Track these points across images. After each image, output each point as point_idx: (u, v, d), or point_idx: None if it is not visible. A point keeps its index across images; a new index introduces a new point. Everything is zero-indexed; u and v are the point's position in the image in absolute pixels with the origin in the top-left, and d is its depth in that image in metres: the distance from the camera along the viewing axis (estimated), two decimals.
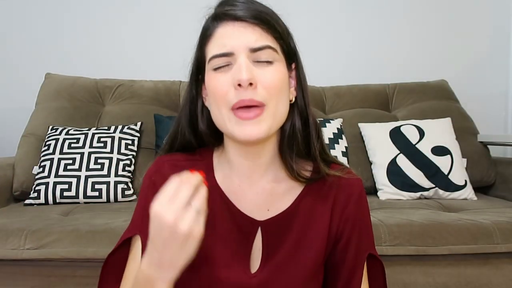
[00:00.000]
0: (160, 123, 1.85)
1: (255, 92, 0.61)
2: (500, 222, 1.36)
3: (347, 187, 0.71)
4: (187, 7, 2.37)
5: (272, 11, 0.66)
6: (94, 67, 2.22)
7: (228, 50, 0.62)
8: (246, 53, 0.62)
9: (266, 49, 0.62)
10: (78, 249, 1.23)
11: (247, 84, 0.60)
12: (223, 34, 0.63)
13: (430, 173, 1.74)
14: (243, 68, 0.60)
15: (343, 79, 2.20)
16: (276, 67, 0.63)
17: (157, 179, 0.69)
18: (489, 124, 2.25)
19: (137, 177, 1.79)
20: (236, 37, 0.62)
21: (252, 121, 0.61)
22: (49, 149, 1.70)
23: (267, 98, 0.62)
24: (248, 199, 0.69)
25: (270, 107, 0.62)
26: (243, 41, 0.62)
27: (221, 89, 0.62)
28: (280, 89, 0.63)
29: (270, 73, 0.62)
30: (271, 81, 0.62)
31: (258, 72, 0.62)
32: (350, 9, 2.43)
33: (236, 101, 0.61)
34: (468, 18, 2.45)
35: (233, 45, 0.62)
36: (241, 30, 0.62)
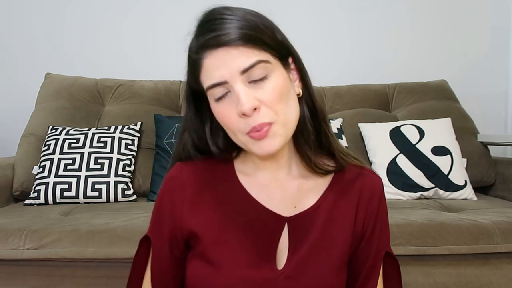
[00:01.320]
0: (160, 123, 1.85)
1: (261, 115, 0.61)
2: (500, 222, 1.35)
3: (370, 184, 0.73)
4: (187, 7, 2.38)
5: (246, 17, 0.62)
6: (94, 67, 2.22)
7: (220, 79, 0.61)
8: (239, 77, 0.60)
9: (256, 65, 0.61)
10: (78, 249, 1.23)
11: (251, 112, 0.60)
12: (211, 65, 0.62)
13: (430, 173, 1.74)
14: (242, 98, 0.60)
15: (343, 79, 2.20)
16: (273, 78, 0.62)
17: (174, 185, 0.71)
18: (489, 124, 2.26)
19: (137, 177, 1.79)
20: (224, 64, 0.60)
21: (266, 138, 0.62)
22: (49, 149, 1.70)
23: (273, 115, 0.62)
24: (276, 197, 0.71)
25: (280, 119, 0.62)
26: (232, 67, 0.60)
27: (230, 121, 0.63)
28: (283, 99, 0.63)
29: (268, 89, 0.62)
30: (272, 97, 0.62)
31: (257, 92, 0.61)
32: (350, 9, 2.43)
33: (248, 129, 0.62)
34: (468, 18, 2.45)
35: (223, 74, 0.61)
36: (226, 56, 0.60)
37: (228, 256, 0.67)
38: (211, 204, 0.70)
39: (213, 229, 0.69)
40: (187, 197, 0.70)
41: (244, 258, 0.67)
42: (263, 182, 0.71)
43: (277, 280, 0.67)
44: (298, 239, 0.69)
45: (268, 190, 0.71)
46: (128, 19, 2.36)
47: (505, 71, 2.47)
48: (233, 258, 0.67)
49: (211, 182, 0.71)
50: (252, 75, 0.61)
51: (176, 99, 2.05)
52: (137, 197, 1.71)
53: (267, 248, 0.68)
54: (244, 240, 0.68)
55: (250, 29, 0.61)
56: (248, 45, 0.60)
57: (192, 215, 0.69)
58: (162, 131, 1.82)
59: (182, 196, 0.70)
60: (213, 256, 0.68)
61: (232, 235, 0.68)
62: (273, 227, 0.69)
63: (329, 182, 0.72)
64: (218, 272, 0.66)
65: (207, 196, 0.71)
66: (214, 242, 0.68)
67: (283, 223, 0.69)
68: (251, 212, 0.69)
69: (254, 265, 0.67)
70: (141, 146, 1.85)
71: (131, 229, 1.27)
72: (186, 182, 0.71)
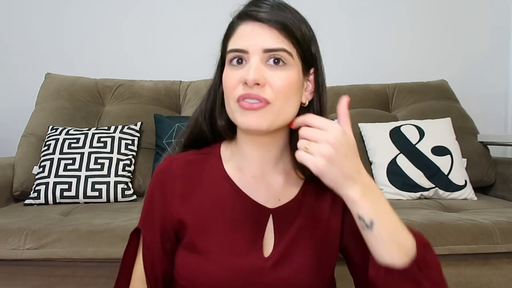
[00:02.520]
0: (160, 123, 1.85)
1: (263, 91, 0.64)
2: (500, 222, 1.35)
3: None
4: (187, 7, 2.38)
5: (297, 17, 0.69)
6: (94, 67, 2.22)
7: (243, 47, 0.65)
8: (259, 54, 0.64)
9: (280, 52, 0.64)
10: (78, 249, 1.23)
11: (253, 84, 0.63)
12: (242, 32, 0.66)
13: (430, 173, 1.74)
14: (252, 69, 0.63)
15: (343, 79, 2.19)
16: (288, 70, 0.66)
17: (164, 177, 0.74)
18: (489, 124, 2.25)
19: (137, 177, 1.79)
20: (253, 37, 0.65)
21: (254, 112, 0.64)
22: (49, 149, 1.70)
23: (273, 97, 0.64)
24: (261, 190, 0.73)
25: (275, 106, 0.65)
26: (259, 42, 0.64)
27: (231, 83, 0.66)
28: (288, 92, 0.65)
29: (280, 76, 0.65)
30: (279, 84, 0.64)
31: (268, 73, 0.64)
32: (350, 9, 2.43)
33: (242, 93, 0.64)
34: (468, 18, 2.45)
35: (249, 44, 0.65)
36: (259, 31, 0.65)
37: (215, 245, 0.70)
38: (199, 195, 0.73)
39: (200, 219, 0.71)
40: (177, 189, 0.72)
41: (231, 247, 0.70)
42: (250, 175, 0.74)
43: (264, 266, 0.69)
44: (282, 229, 0.72)
45: (254, 184, 0.74)
46: (128, 19, 2.36)
47: (505, 71, 2.47)
48: (220, 247, 0.69)
49: (200, 174, 0.74)
50: (272, 58, 0.65)
51: (176, 99, 2.05)
52: (137, 197, 1.71)
53: (254, 238, 0.71)
54: (231, 230, 0.71)
55: (290, 21, 0.66)
56: (281, 32, 0.65)
57: (181, 206, 0.72)
58: (162, 131, 1.82)
59: (172, 188, 0.73)
60: (201, 246, 0.70)
61: (219, 225, 0.71)
62: (259, 218, 0.72)
63: None
64: (206, 261, 0.69)
65: (195, 188, 0.73)
66: (201, 232, 0.71)
67: (268, 214, 0.73)
68: (238, 204, 0.72)
69: (242, 253, 0.70)
70: (141, 146, 1.85)
71: (131, 229, 1.24)
72: (176, 174, 0.73)
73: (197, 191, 0.73)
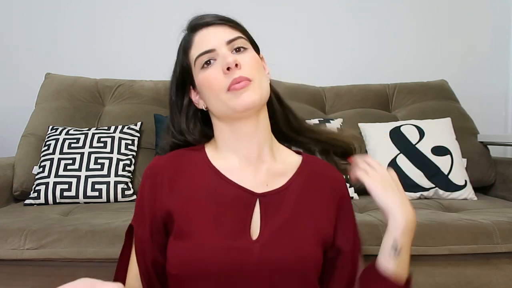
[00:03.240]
0: (160, 123, 1.85)
1: (242, 71, 0.73)
2: (500, 222, 1.35)
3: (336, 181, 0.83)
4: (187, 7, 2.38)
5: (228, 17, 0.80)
6: (94, 67, 2.22)
7: (209, 47, 0.75)
8: (224, 46, 0.74)
9: (239, 39, 0.76)
10: (78, 249, 1.23)
11: (234, 65, 0.72)
12: (201, 38, 0.77)
13: (430, 173, 1.74)
14: (227, 56, 0.73)
15: (343, 79, 2.19)
16: (251, 52, 0.77)
17: (151, 173, 0.78)
18: (489, 124, 2.25)
19: (137, 177, 1.78)
20: (213, 37, 0.76)
21: (246, 89, 0.72)
22: (49, 149, 1.70)
23: (252, 74, 0.73)
24: (247, 176, 0.77)
25: (256, 81, 0.74)
26: (219, 38, 0.75)
27: (214, 78, 0.74)
28: (259, 68, 0.76)
29: (248, 57, 0.75)
30: (250, 62, 0.75)
31: (238, 57, 0.74)
32: (350, 9, 2.43)
33: (229, 82, 0.72)
34: (468, 18, 2.45)
35: (212, 43, 0.75)
36: (214, 31, 0.76)
37: (203, 229, 0.72)
38: (185, 185, 0.76)
39: (187, 207, 0.74)
40: (164, 182, 0.76)
41: (219, 231, 0.72)
42: (236, 164, 0.78)
43: (252, 248, 0.71)
44: (270, 214, 0.75)
45: (240, 172, 0.78)
46: (128, 19, 2.36)
47: (505, 71, 2.47)
48: (208, 231, 0.71)
49: (185, 167, 0.78)
50: (235, 45, 0.75)
51: None
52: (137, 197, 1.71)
53: (241, 221, 0.73)
54: (219, 214, 0.73)
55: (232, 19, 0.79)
56: (231, 26, 0.78)
57: (168, 198, 0.75)
58: (162, 131, 1.82)
59: (160, 181, 0.76)
60: (188, 232, 0.72)
61: (206, 211, 0.73)
62: (246, 202, 0.75)
63: (297, 168, 0.81)
64: (194, 245, 0.70)
65: (181, 179, 0.76)
66: (188, 219, 0.73)
67: (255, 198, 0.76)
68: (225, 190, 0.76)
69: (230, 236, 0.72)
70: (141, 146, 1.85)
71: None
72: (163, 169, 0.78)
73: (183, 182, 0.76)
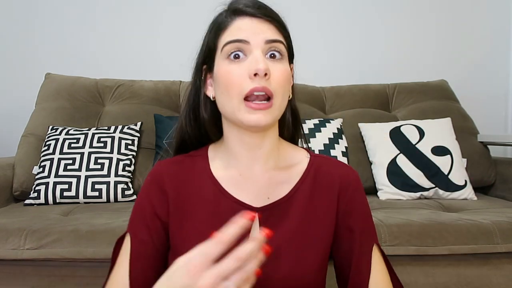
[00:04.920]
0: (160, 123, 1.85)
1: (269, 82, 0.65)
2: (500, 222, 1.35)
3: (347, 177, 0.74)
4: (188, 7, 2.38)
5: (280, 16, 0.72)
6: (94, 67, 2.22)
7: (244, 37, 0.66)
8: (261, 46, 0.66)
9: (279, 43, 0.67)
10: (78, 249, 1.23)
11: (264, 73, 0.64)
12: (241, 25, 0.67)
13: (430, 173, 1.74)
14: (260, 59, 0.64)
15: (343, 79, 2.20)
16: (284, 64, 0.69)
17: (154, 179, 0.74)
18: (489, 124, 2.26)
19: (137, 177, 1.79)
20: (254, 29, 0.67)
21: (263, 111, 0.65)
22: (49, 149, 1.70)
23: (277, 89, 0.66)
24: (249, 188, 0.72)
25: (278, 99, 0.66)
26: (260, 33, 0.66)
27: (235, 79, 0.65)
28: (286, 85, 0.68)
29: (279, 69, 0.67)
30: (281, 75, 0.67)
31: (271, 65, 0.66)
32: (350, 9, 2.43)
33: (249, 89, 0.64)
34: (468, 18, 2.45)
35: (249, 35, 0.66)
36: (258, 25, 0.67)
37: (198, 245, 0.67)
38: (185, 197, 0.72)
39: (185, 220, 0.71)
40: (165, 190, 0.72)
41: None
42: (238, 174, 0.73)
43: None
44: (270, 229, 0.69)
45: (241, 183, 0.72)
46: (128, 19, 2.36)
47: (505, 71, 2.47)
48: None
49: (186, 177, 0.74)
50: (270, 51, 0.67)
51: (176, 99, 2.05)
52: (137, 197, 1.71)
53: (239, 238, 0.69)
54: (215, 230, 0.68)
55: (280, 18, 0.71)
56: (277, 26, 0.69)
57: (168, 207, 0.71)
58: (162, 131, 1.82)
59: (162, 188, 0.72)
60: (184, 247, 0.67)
61: (203, 226, 0.69)
62: None
63: (302, 173, 0.74)
64: None
65: (181, 190, 0.73)
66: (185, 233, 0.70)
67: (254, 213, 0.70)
68: (223, 204, 0.71)
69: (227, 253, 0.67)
70: (141, 146, 1.85)
71: None
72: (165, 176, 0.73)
73: (183, 193, 0.72)
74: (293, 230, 0.70)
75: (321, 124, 1.86)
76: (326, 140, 1.81)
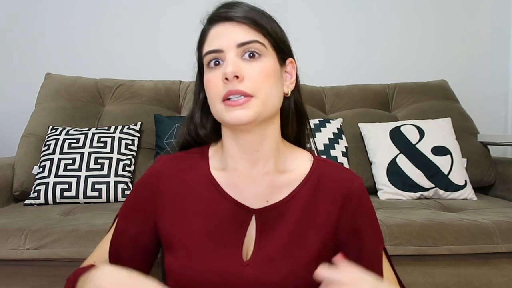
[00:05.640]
0: (160, 123, 1.85)
1: (242, 84, 0.65)
2: (500, 222, 1.35)
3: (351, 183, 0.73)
4: (188, 6, 2.38)
5: (264, 12, 0.71)
6: (94, 67, 2.22)
7: (217, 47, 0.67)
8: (234, 50, 0.66)
9: (253, 43, 0.66)
10: (78, 249, 1.23)
11: (232, 76, 0.64)
12: (215, 34, 0.69)
13: (430, 173, 1.74)
14: (229, 63, 0.65)
15: (343, 79, 2.19)
16: (264, 61, 0.67)
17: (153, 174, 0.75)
18: (489, 124, 2.26)
19: (137, 177, 1.78)
20: (225, 35, 0.67)
21: (241, 107, 0.65)
22: (49, 149, 1.70)
23: (255, 90, 0.65)
24: (247, 190, 0.72)
25: (260, 97, 0.66)
26: (231, 38, 0.66)
27: (213, 84, 0.67)
28: (268, 82, 0.67)
29: (256, 67, 0.66)
30: (258, 74, 0.66)
31: (245, 66, 0.66)
32: (350, 9, 2.43)
33: (224, 93, 0.65)
34: (468, 18, 2.45)
35: (222, 43, 0.67)
36: (229, 29, 0.67)
37: (194, 246, 0.69)
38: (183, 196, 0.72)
39: (180, 219, 0.71)
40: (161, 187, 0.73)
41: (210, 248, 0.69)
42: (236, 177, 0.72)
43: (242, 271, 0.67)
44: (266, 232, 0.70)
45: (240, 184, 0.72)
46: (128, 19, 2.36)
47: (505, 71, 2.47)
48: (199, 249, 0.68)
49: (186, 175, 0.74)
50: (247, 52, 0.67)
51: (176, 99, 2.05)
52: None
53: (234, 239, 0.69)
54: (212, 231, 0.70)
55: (257, 16, 0.69)
56: (252, 26, 0.67)
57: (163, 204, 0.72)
58: (162, 131, 1.82)
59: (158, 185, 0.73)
60: (179, 246, 0.70)
61: (199, 225, 0.70)
62: (241, 218, 0.70)
63: (304, 177, 0.73)
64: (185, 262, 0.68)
65: (180, 189, 0.73)
66: (180, 232, 0.70)
67: (251, 214, 0.70)
68: (220, 204, 0.71)
69: (220, 254, 0.68)
70: (141, 146, 1.85)
71: None
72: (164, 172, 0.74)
73: (180, 191, 0.73)
74: (289, 234, 0.69)
75: (321, 124, 1.86)
76: (326, 140, 1.81)
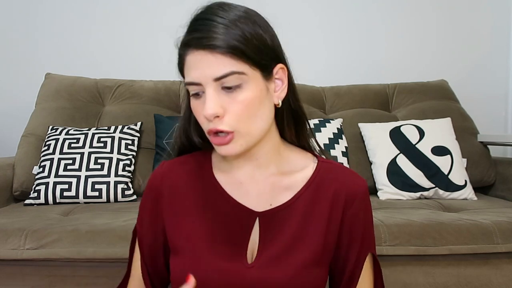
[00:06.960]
0: (160, 123, 1.85)
1: (222, 122, 0.63)
2: (500, 222, 1.35)
3: (353, 186, 0.72)
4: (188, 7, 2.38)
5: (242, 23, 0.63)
6: (94, 67, 2.22)
7: (196, 80, 0.63)
8: (211, 83, 0.62)
9: (229, 76, 0.61)
10: (78, 249, 1.23)
11: (212, 118, 0.62)
12: (191, 63, 0.64)
13: (430, 173, 1.74)
14: (207, 103, 0.62)
15: (343, 79, 2.20)
16: (245, 90, 0.63)
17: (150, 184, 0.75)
18: (489, 124, 2.26)
19: (137, 177, 1.79)
20: (200, 68, 0.62)
21: (227, 145, 0.64)
22: (49, 149, 1.70)
23: (235, 125, 0.63)
24: (250, 194, 0.72)
25: (241, 131, 0.64)
26: (207, 73, 0.62)
27: (199, 116, 0.66)
28: (250, 111, 0.64)
29: (237, 100, 0.63)
30: (238, 107, 0.63)
31: (226, 100, 0.63)
32: (351, 9, 2.43)
33: (207, 130, 0.65)
34: (468, 18, 2.45)
35: (199, 76, 0.62)
36: (205, 60, 0.62)
37: (198, 248, 0.69)
38: (186, 198, 0.73)
39: (184, 222, 0.71)
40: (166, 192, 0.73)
41: (215, 251, 0.69)
42: (239, 179, 0.72)
43: (246, 273, 0.67)
44: (269, 234, 0.70)
45: (243, 187, 0.72)
46: (128, 19, 2.36)
47: (505, 71, 2.47)
48: (203, 251, 0.69)
49: (189, 177, 0.74)
50: (225, 84, 0.62)
51: (176, 99, 2.05)
52: (137, 197, 1.71)
53: (238, 242, 0.69)
54: (216, 234, 0.70)
55: (234, 39, 0.61)
56: (227, 55, 0.61)
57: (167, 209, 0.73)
58: (162, 131, 1.82)
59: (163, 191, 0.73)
60: (183, 248, 0.70)
61: (203, 228, 0.70)
62: (245, 221, 0.70)
63: (307, 180, 0.72)
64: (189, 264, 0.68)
65: (183, 191, 0.73)
66: (184, 235, 0.71)
67: (255, 217, 0.70)
68: (223, 207, 0.71)
69: (224, 257, 0.68)
70: (141, 146, 1.85)
71: (131, 229, 1.25)
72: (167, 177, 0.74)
73: (183, 194, 0.73)
74: (293, 235, 0.69)
75: (321, 124, 1.86)
76: (326, 140, 1.81)
